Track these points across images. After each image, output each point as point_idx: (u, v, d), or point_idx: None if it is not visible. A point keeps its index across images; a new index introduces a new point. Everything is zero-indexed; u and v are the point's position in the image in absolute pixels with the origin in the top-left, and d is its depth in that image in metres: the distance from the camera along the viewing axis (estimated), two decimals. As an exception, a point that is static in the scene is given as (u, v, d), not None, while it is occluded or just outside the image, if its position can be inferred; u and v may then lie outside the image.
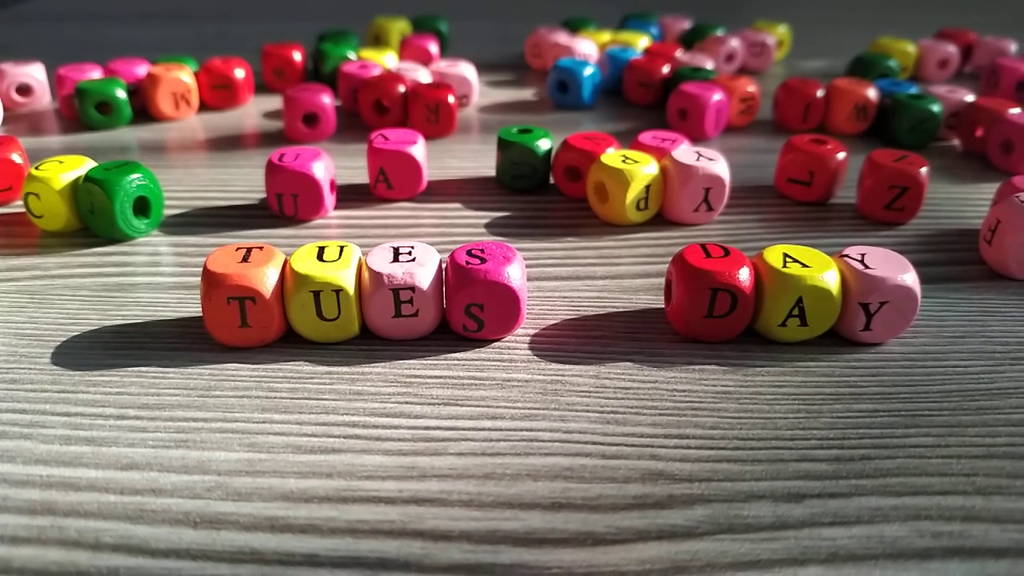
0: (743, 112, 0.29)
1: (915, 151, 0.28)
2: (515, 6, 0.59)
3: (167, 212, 0.22)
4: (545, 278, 0.19)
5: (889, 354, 0.16)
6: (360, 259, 0.16)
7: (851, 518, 0.12)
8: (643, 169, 0.21)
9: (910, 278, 0.16)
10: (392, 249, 0.16)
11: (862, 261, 0.16)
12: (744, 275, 0.16)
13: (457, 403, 0.14)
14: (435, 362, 0.16)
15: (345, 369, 0.15)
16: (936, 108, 0.27)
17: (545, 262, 0.20)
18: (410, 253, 0.16)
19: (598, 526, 0.12)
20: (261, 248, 0.16)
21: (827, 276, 0.16)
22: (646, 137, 0.23)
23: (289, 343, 0.16)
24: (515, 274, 0.16)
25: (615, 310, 0.18)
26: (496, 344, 0.16)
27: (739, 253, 0.16)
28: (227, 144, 0.28)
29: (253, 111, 0.31)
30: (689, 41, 0.38)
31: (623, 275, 0.19)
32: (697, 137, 0.28)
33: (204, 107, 0.31)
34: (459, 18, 0.52)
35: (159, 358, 0.16)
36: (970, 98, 0.28)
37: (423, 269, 0.15)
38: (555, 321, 0.17)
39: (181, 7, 0.56)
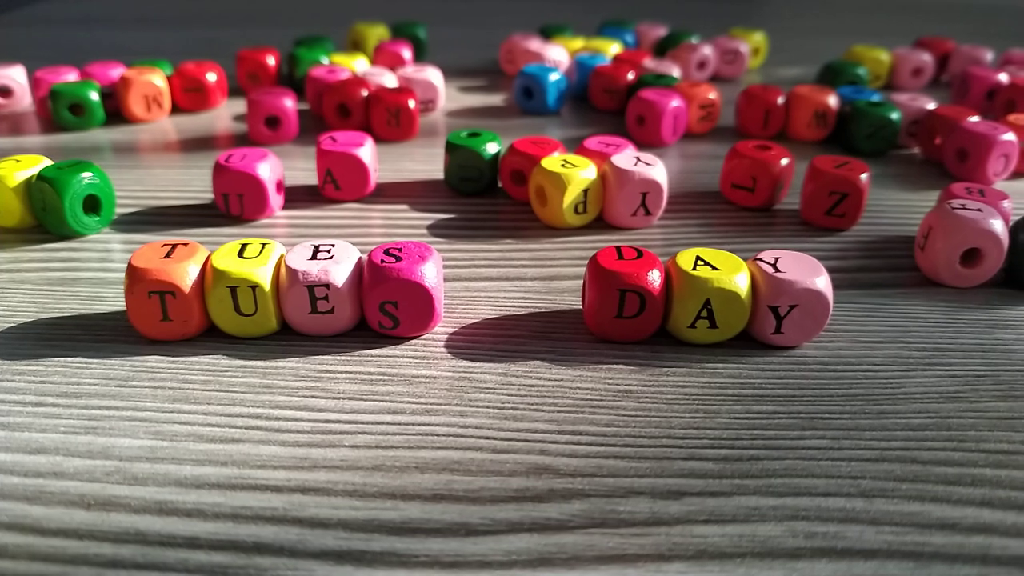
0: (703, 119, 0.29)
1: (874, 158, 0.28)
2: (505, 14, 0.60)
3: (123, 210, 0.23)
4: (475, 278, 0.19)
5: (802, 357, 0.16)
6: (280, 256, 0.16)
7: (727, 517, 0.12)
8: (581, 173, 0.21)
9: (821, 282, 0.16)
10: (312, 247, 0.16)
11: (774, 265, 0.16)
12: (652, 277, 0.16)
13: (362, 398, 0.15)
14: (349, 358, 0.16)
15: (260, 363, 0.16)
16: (895, 115, 0.27)
17: (479, 262, 0.20)
18: (329, 251, 0.16)
19: (474, 517, 0.12)
20: (186, 245, 0.17)
21: (735, 279, 0.16)
22: (591, 142, 0.23)
23: (211, 337, 0.17)
24: (429, 273, 0.16)
25: (537, 310, 0.18)
26: (413, 341, 0.17)
27: (652, 256, 0.16)
28: (193, 146, 0.29)
29: (225, 114, 0.32)
30: (663, 48, 0.39)
31: (553, 276, 0.19)
32: (654, 143, 0.28)
33: (178, 110, 0.32)
34: (447, 25, 0.52)
35: (86, 349, 0.16)
36: (931, 106, 0.28)
37: (339, 267, 0.16)
38: (476, 320, 0.17)
39: (179, 13, 0.58)
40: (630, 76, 0.31)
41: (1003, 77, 0.32)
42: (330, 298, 0.16)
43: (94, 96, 0.29)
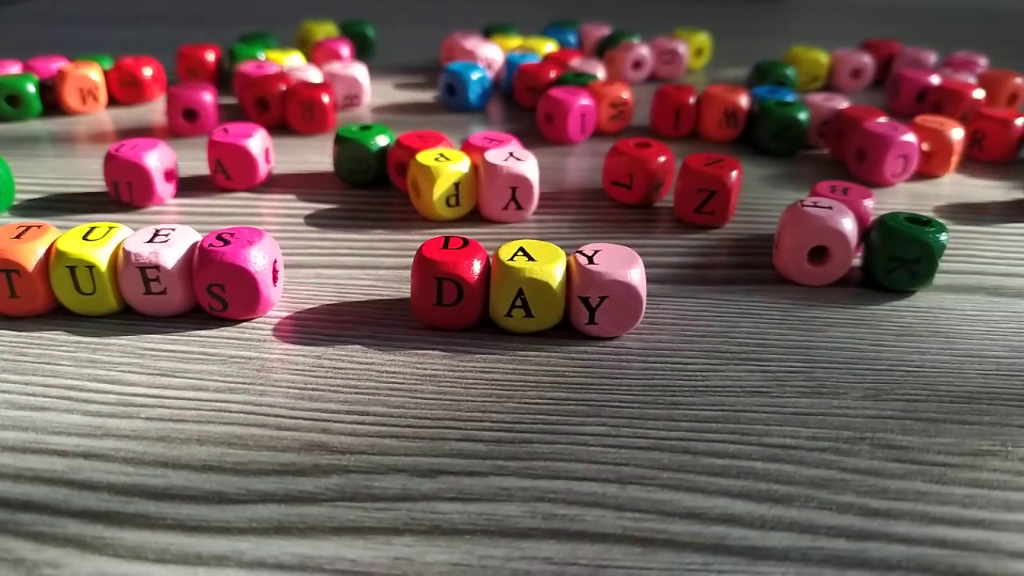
0: (615, 118, 0.29)
1: (783, 158, 0.28)
2: (476, 16, 0.60)
3: (26, 196, 0.24)
4: (331, 266, 0.20)
5: (618, 348, 0.17)
6: (123, 239, 0.17)
7: (475, 496, 0.13)
8: (452, 167, 0.21)
9: (635, 275, 0.16)
10: (153, 230, 0.17)
11: (591, 258, 0.16)
12: (469, 266, 0.16)
13: (173, 375, 0.15)
14: (178, 337, 0.17)
15: (94, 340, 0.17)
16: (802, 116, 0.27)
17: (341, 250, 0.21)
18: (167, 235, 0.17)
19: (232, 488, 0.13)
20: (40, 227, 0.17)
21: (549, 270, 0.16)
22: (476, 138, 0.24)
23: (60, 315, 0.17)
24: (256, 257, 0.17)
25: (379, 298, 0.18)
26: (246, 324, 0.17)
27: (477, 246, 0.17)
28: (121, 137, 0.30)
29: (160, 107, 0.33)
30: (603, 48, 0.39)
31: (408, 266, 0.20)
32: (563, 140, 0.28)
33: (116, 102, 0.33)
34: (409, 25, 0.53)
35: (-58, 323, 0.17)
36: (843, 106, 0.28)
37: (171, 250, 0.17)
38: (314, 306, 0.18)
39: (159, 12, 0.59)
40: (552, 75, 0.32)
41: (934, 79, 0.32)
42: (161, 280, 0.17)
43: (31, 88, 0.30)
